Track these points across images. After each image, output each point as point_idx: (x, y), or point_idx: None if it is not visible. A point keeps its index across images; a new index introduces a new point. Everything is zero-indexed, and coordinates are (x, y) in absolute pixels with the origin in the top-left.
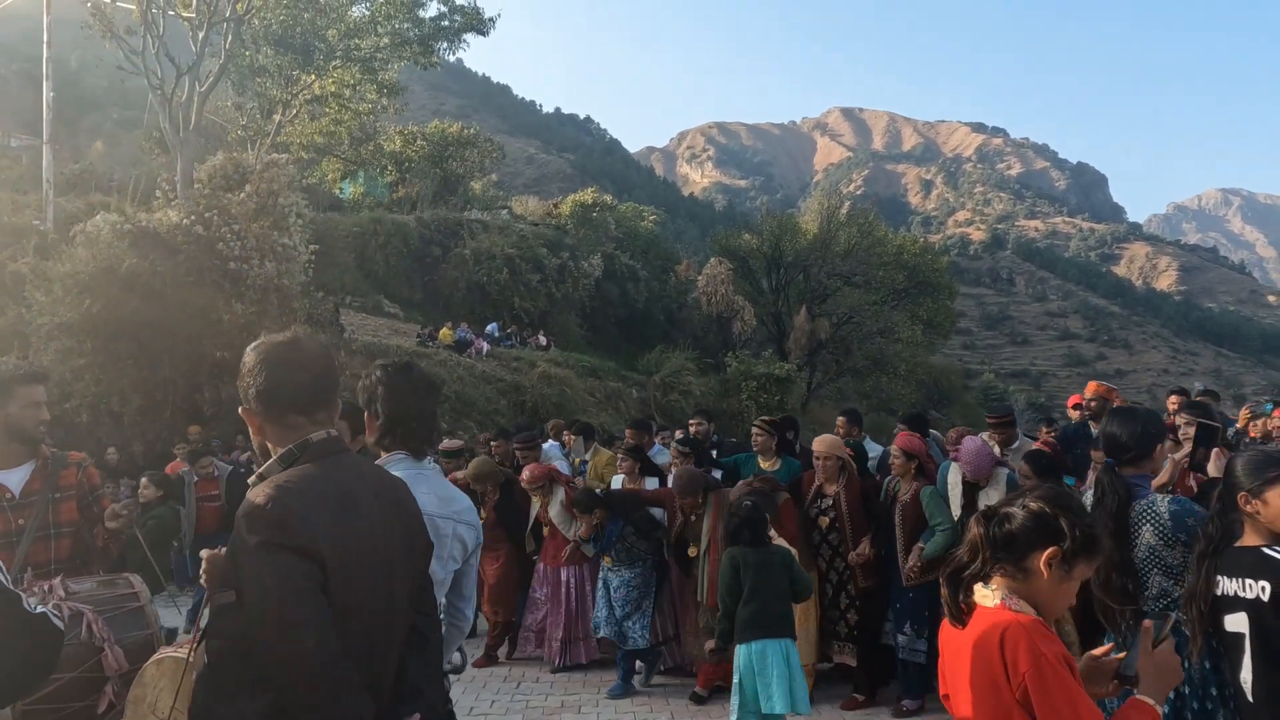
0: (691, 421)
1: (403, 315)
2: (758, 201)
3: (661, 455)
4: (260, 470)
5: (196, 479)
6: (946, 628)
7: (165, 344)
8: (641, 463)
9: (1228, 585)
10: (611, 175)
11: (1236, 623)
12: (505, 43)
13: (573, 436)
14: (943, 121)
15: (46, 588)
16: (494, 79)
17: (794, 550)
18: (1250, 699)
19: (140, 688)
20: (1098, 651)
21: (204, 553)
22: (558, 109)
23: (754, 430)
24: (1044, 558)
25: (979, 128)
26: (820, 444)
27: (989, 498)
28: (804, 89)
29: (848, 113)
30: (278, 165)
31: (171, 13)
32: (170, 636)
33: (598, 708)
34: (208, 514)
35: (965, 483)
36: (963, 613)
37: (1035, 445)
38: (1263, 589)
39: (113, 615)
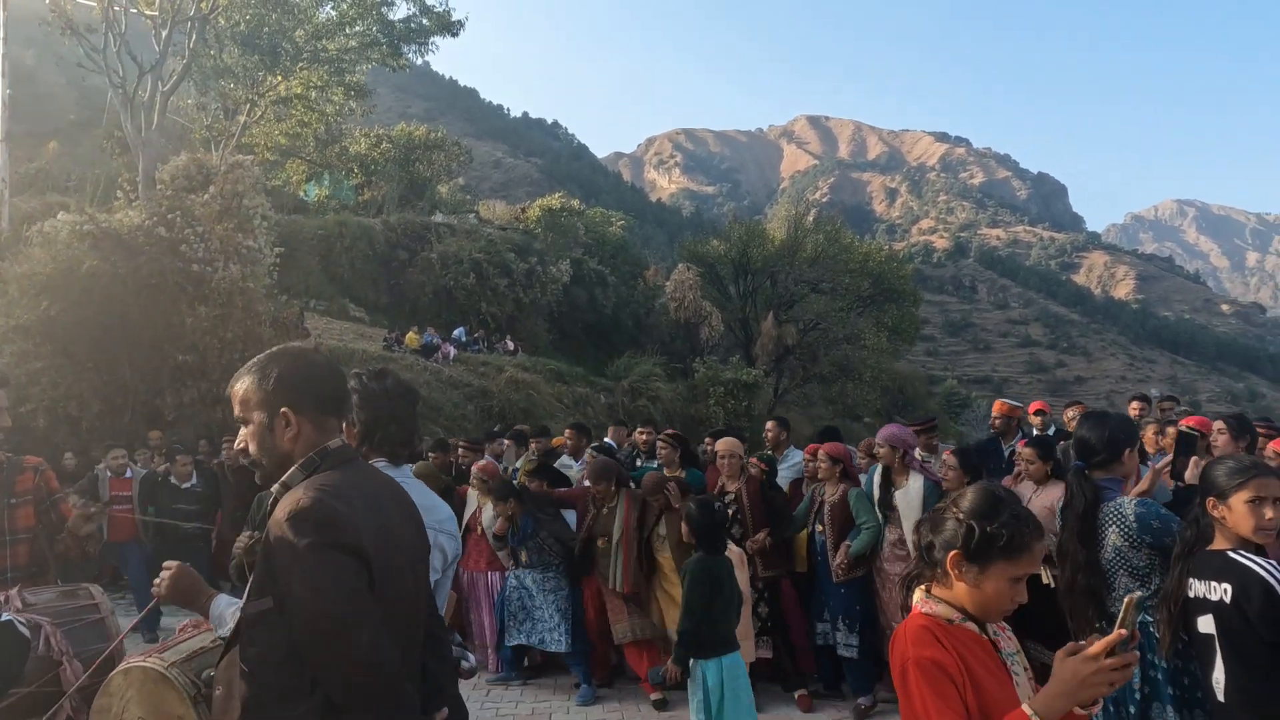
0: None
1: (368, 319)
2: (725, 208)
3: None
4: (283, 479)
5: (110, 475)
6: None
7: (125, 347)
8: (552, 477)
9: (1198, 588)
10: (579, 180)
11: (1206, 624)
12: (473, 46)
13: (509, 442)
14: (907, 131)
15: (3, 598)
16: (461, 82)
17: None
18: (1221, 699)
19: (106, 698)
20: (1092, 648)
21: (168, 563)
22: (525, 113)
23: (659, 443)
24: (949, 561)
25: (942, 137)
26: (722, 445)
27: (907, 496)
28: (771, 97)
29: (814, 121)
30: (242, 166)
31: (134, 10)
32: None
33: (568, 715)
34: (118, 518)
35: (883, 483)
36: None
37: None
38: (1225, 591)
39: (72, 627)
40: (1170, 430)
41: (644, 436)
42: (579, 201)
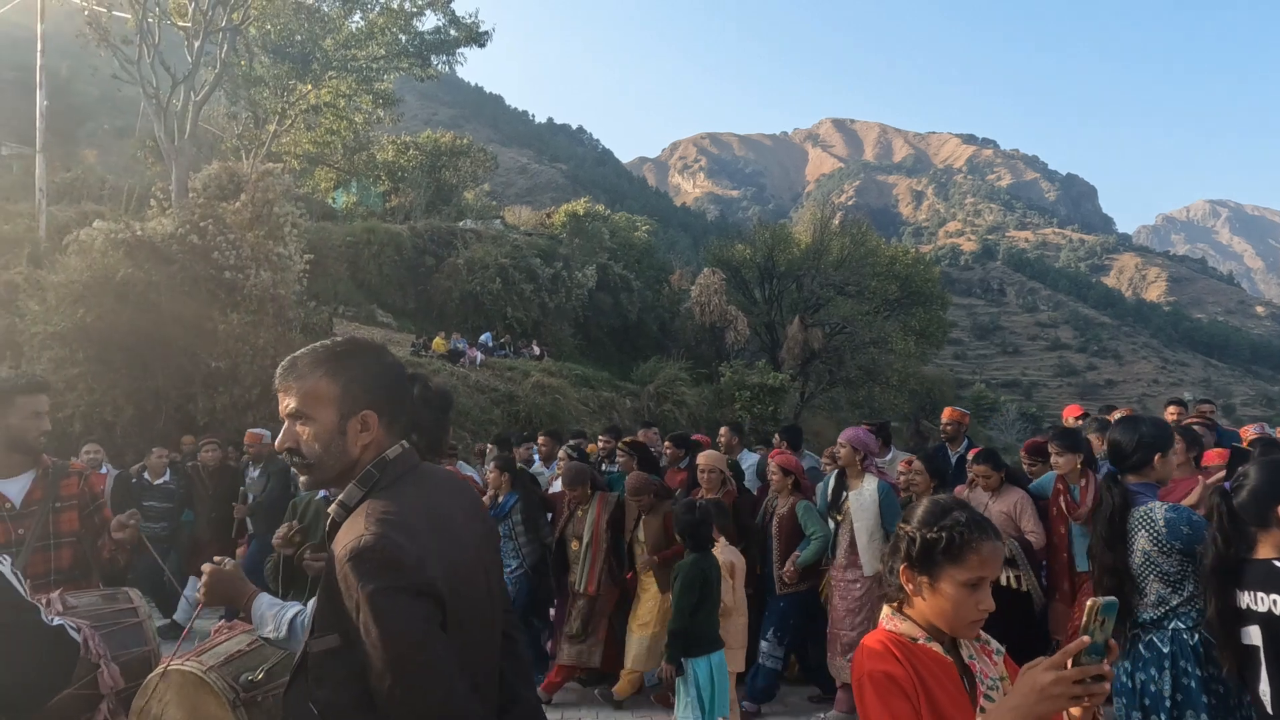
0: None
1: (396, 325)
2: (750, 212)
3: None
4: (340, 499)
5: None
6: None
7: (159, 353)
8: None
9: (1244, 598)
10: (604, 185)
11: (1251, 635)
12: (498, 53)
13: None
14: (934, 133)
15: (45, 601)
16: (487, 89)
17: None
18: (1270, 711)
19: (143, 698)
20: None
21: (205, 567)
22: (550, 119)
23: (618, 450)
24: (901, 576)
25: (969, 139)
26: (704, 458)
27: (860, 498)
28: (796, 100)
29: (839, 124)
30: (273, 174)
31: (167, 22)
32: None
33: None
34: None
35: (836, 485)
36: None
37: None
38: (1274, 602)
39: (111, 630)
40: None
41: (603, 443)
42: (604, 206)
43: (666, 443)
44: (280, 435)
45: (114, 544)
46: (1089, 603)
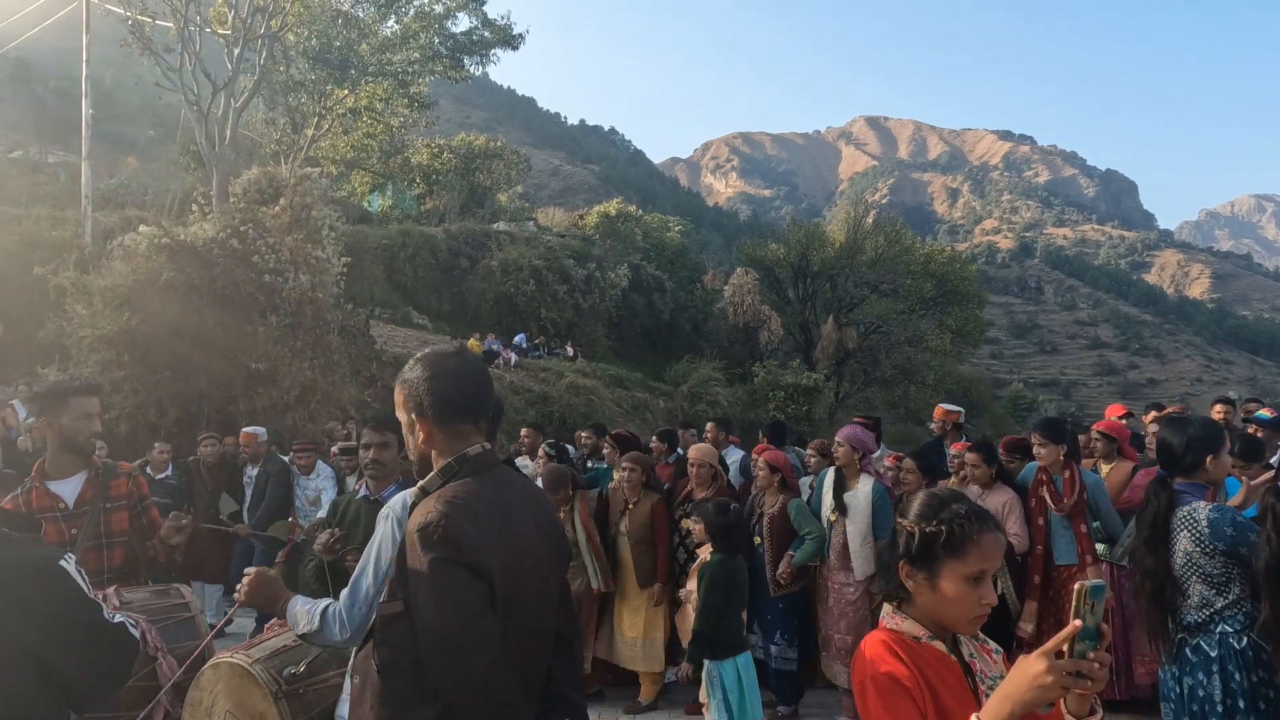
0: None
1: (431, 326)
2: (783, 211)
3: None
4: (422, 484)
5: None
6: None
7: (201, 356)
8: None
9: None
10: (636, 186)
11: None
12: (530, 56)
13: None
14: (969, 129)
15: (100, 597)
16: (519, 92)
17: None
18: None
19: (198, 691)
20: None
21: (249, 570)
22: (582, 120)
23: (604, 444)
24: (901, 573)
25: (1005, 135)
26: (695, 452)
27: (855, 498)
28: (828, 98)
29: (872, 121)
30: (310, 179)
31: (207, 30)
32: None
33: None
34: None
35: (835, 485)
36: None
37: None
38: None
39: (165, 625)
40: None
41: (586, 439)
42: (636, 207)
43: (654, 438)
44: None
45: (168, 548)
46: (1076, 586)
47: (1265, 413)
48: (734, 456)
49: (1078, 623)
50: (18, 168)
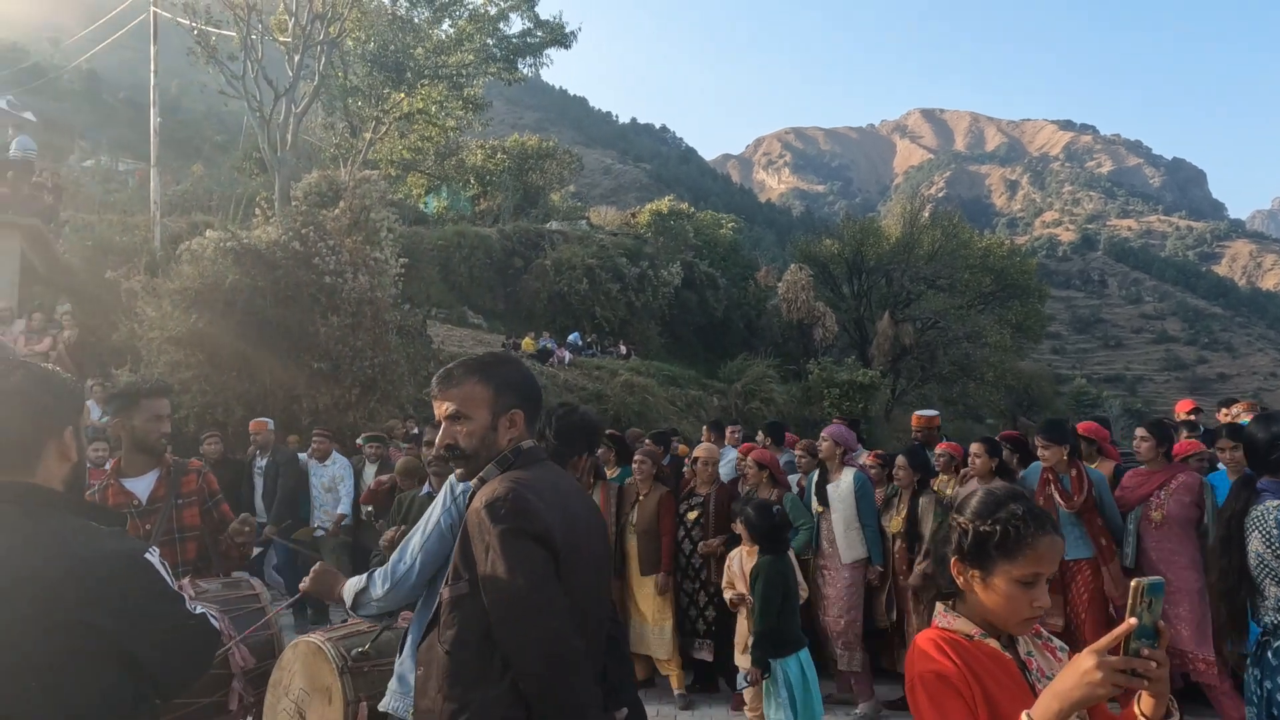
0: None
1: (486, 326)
2: (836, 206)
3: None
4: (480, 474)
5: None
6: None
7: (265, 356)
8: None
9: None
10: (688, 184)
11: None
12: (581, 55)
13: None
14: (1028, 120)
15: (177, 586)
16: (570, 92)
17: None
18: None
19: (279, 671)
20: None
21: (317, 566)
22: (634, 119)
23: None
24: (952, 569)
25: (1066, 125)
26: (700, 451)
27: (838, 489)
28: (882, 91)
29: (928, 114)
30: (369, 181)
31: (269, 38)
32: None
33: None
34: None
35: (818, 480)
36: None
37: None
38: None
39: (237, 615)
40: None
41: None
42: (688, 205)
43: (646, 439)
44: (439, 435)
45: (231, 542)
46: (1133, 583)
47: None
48: (728, 456)
49: (1133, 620)
50: (90, 176)
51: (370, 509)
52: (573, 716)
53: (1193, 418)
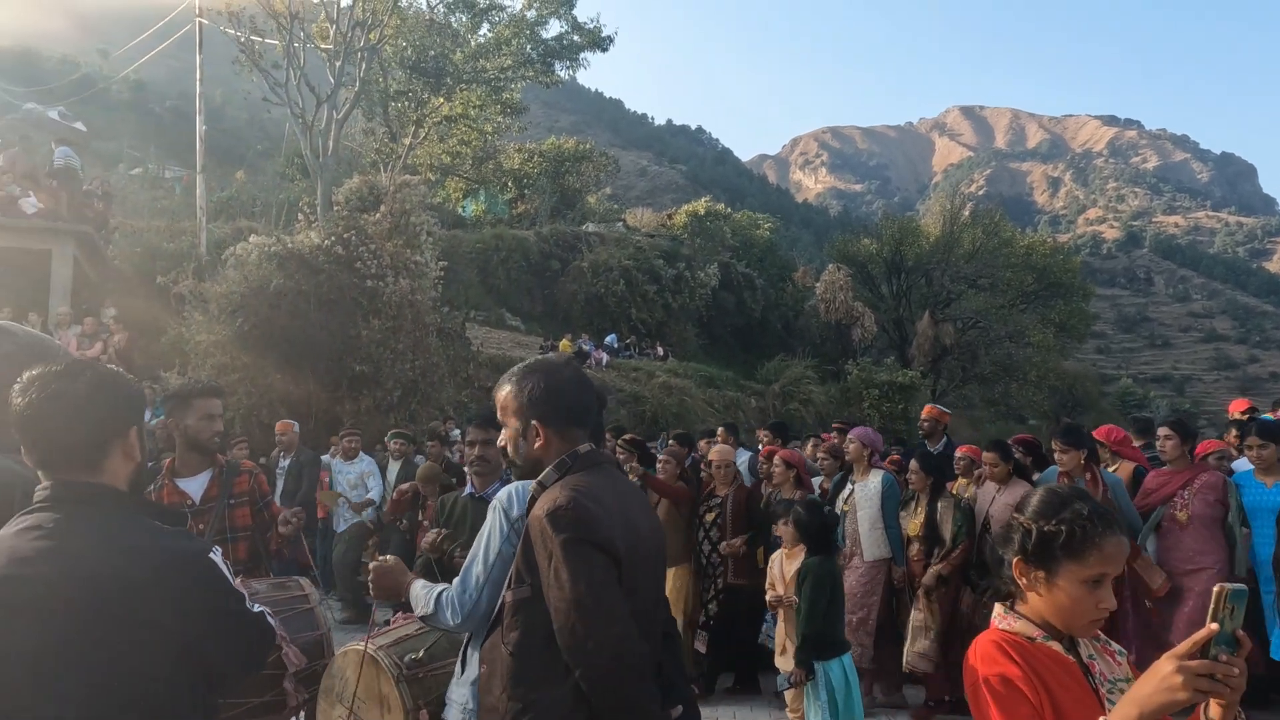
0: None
1: (524, 328)
2: (874, 206)
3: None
4: (540, 479)
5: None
6: None
7: (308, 358)
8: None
9: None
10: (724, 184)
11: None
12: (617, 58)
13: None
14: (1070, 116)
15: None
16: (606, 94)
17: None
18: None
19: (329, 678)
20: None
21: (372, 565)
22: (669, 121)
23: (618, 447)
24: (1014, 569)
25: (1110, 120)
26: (716, 453)
27: (865, 489)
28: (920, 89)
29: (967, 111)
30: (409, 186)
31: (310, 45)
32: None
33: None
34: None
35: (840, 479)
36: None
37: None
38: None
39: (287, 615)
40: None
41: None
42: (724, 205)
43: (670, 440)
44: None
45: (280, 538)
46: (1216, 588)
47: None
48: (742, 458)
49: (1214, 626)
50: (138, 184)
51: (402, 520)
52: (634, 718)
53: (1246, 418)
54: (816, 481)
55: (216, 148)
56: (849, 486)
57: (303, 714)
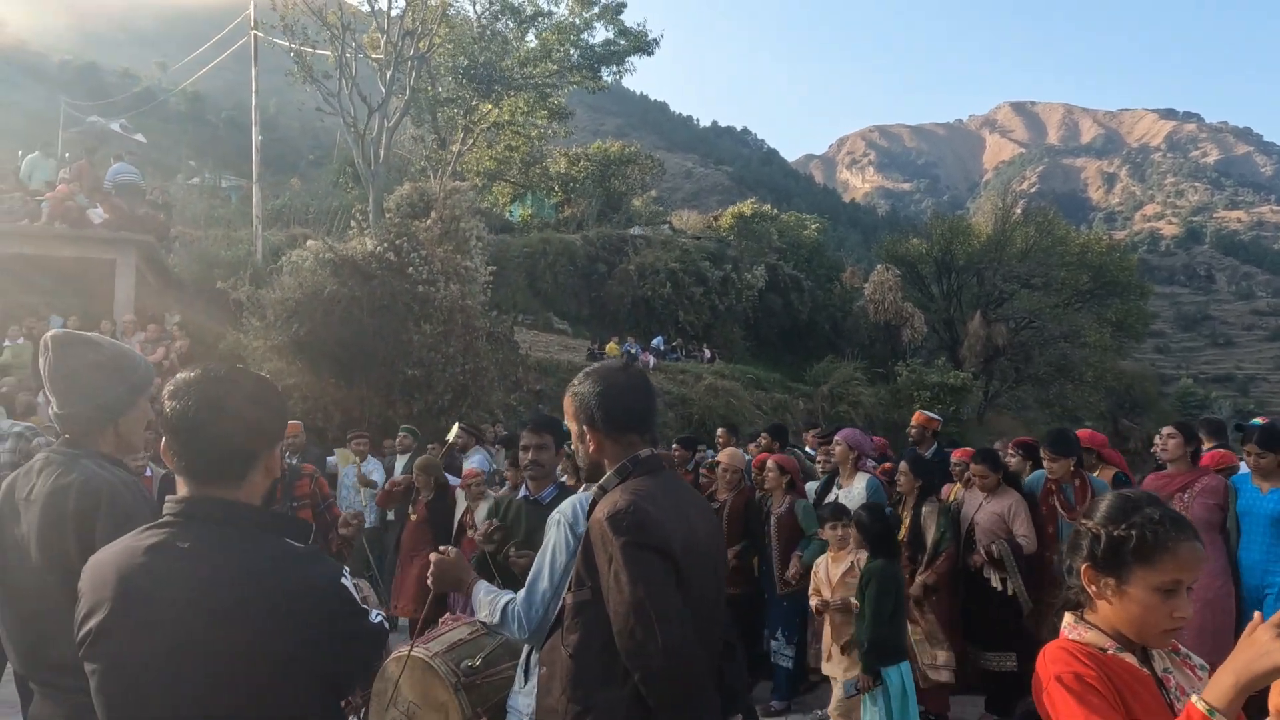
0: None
1: (571, 331)
2: (923, 205)
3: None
4: (600, 483)
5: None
6: None
7: (362, 363)
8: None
9: None
10: (770, 185)
11: None
12: (662, 61)
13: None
14: (1126, 110)
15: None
16: (651, 97)
17: None
18: None
19: (381, 682)
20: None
21: (433, 556)
22: (714, 122)
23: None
24: (1084, 577)
25: (1168, 114)
26: (725, 457)
27: (850, 494)
28: (969, 86)
29: (1018, 107)
30: (459, 192)
31: (361, 55)
32: None
33: None
34: None
35: (824, 483)
36: None
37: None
38: None
39: None
40: None
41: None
42: (771, 206)
43: (675, 445)
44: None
45: (340, 539)
46: None
47: None
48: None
49: None
50: (196, 193)
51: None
52: None
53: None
54: (811, 487)
55: (270, 157)
56: (834, 491)
57: (362, 712)
